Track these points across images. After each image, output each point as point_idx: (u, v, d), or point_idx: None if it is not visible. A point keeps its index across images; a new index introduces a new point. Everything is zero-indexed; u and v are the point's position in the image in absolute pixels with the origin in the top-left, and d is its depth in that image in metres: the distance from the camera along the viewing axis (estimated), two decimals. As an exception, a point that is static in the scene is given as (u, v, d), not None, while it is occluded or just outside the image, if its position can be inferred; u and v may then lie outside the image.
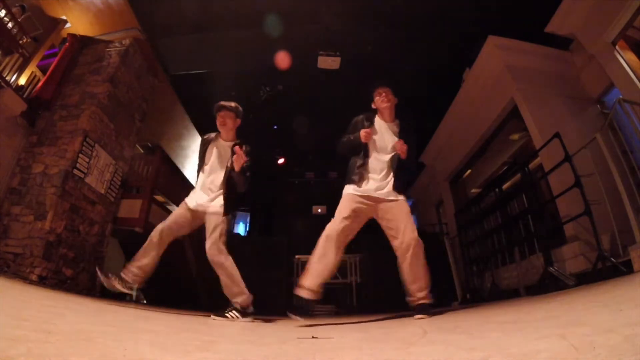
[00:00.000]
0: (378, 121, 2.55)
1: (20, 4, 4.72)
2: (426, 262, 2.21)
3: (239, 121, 2.82)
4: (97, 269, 2.63)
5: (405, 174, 2.47)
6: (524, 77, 4.85)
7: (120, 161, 4.97)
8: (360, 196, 2.34)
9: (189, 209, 2.60)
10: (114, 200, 4.84)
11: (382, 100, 2.53)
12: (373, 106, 2.61)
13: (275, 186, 10.32)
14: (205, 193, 2.63)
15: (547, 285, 3.28)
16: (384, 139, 2.48)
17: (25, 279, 3.35)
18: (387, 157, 2.45)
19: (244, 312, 2.45)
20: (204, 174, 2.69)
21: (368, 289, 6.36)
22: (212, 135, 2.83)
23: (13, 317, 1.05)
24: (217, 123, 2.74)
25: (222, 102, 2.76)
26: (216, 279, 2.55)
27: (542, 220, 3.98)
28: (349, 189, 2.39)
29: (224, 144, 2.75)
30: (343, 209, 2.33)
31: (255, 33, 5.17)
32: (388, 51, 5.56)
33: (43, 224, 3.71)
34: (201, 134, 7.52)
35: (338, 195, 2.45)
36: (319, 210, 9.79)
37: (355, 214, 2.31)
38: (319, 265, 2.22)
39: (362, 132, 2.38)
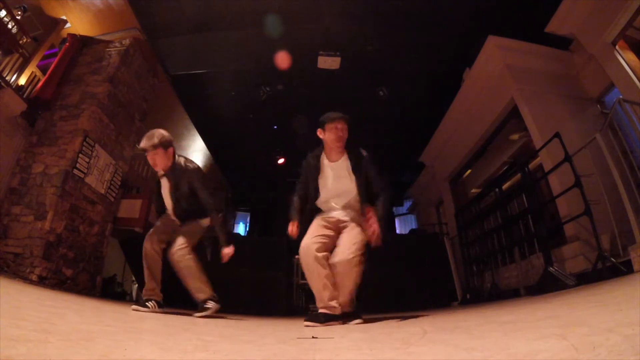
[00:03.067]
0: (324, 163, 2.31)
1: (20, 4, 4.72)
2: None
3: (170, 150, 2.65)
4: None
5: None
6: (524, 77, 4.85)
7: (120, 161, 4.97)
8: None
9: None
10: (114, 200, 4.84)
11: (336, 138, 2.23)
12: (320, 136, 2.31)
13: (275, 186, 10.33)
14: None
15: (547, 285, 3.28)
16: (333, 178, 2.29)
17: (25, 279, 3.36)
18: (343, 194, 2.30)
19: (159, 303, 2.50)
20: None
21: (368, 289, 6.35)
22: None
23: (13, 317, 1.05)
24: (152, 163, 2.62)
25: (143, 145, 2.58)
26: (215, 278, 2.55)
27: (542, 220, 3.98)
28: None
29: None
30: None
31: (255, 33, 5.17)
32: (388, 51, 5.56)
33: (43, 224, 3.71)
34: (201, 134, 7.52)
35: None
36: (319, 210, 9.78)
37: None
38: None
39: (290, 230, 2.29)
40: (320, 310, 2.09)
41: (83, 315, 1.59)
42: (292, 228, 2.35)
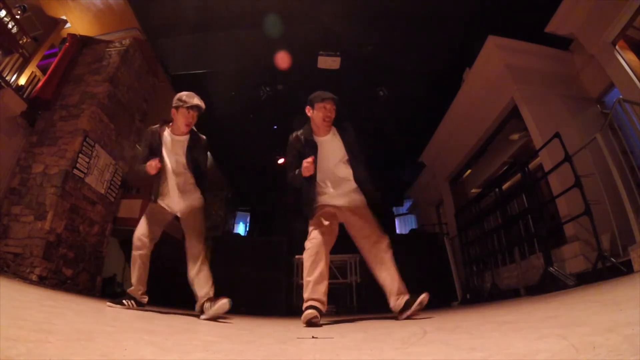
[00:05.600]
0: (317, 139, 2.34)
1: (21, 4, 4.72)
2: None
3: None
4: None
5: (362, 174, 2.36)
6: (524, 77, 4.85)
7: (120, 161, 4.97)
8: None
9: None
10: (114, 200, 4.84)
11: (324, 117, 2.29)
12: (308, 113, 2.38)
13: (275, 186, 10.32)
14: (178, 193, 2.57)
15: (547, 285, 3.28)
16: (327, 154, 2.32)
17: (25, 279, 3.36)
18: (338, 169, 2.32)
19: (139, 302, 2.49)
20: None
21: (368, 289, 6.36)
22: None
23: (13, 317, 1.05)
24: (186, 122, 2.56)
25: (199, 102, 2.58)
26: (215, 278, 2.55)
27: (542, 220, 3.98)
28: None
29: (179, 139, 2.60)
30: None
31: (255, 33, 5.17)
32: (388, 51, 5.55)
33: (43, 224, 3.71)
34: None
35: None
36: (319, 210, 9.77)
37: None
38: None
39: (304, 167, 2.20)
40: (313, 304, 2.06)
41: (83, 315, 1.59)
42: (308, 165, 2.19)
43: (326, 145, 2.35)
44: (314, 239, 2.22)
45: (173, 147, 2.57)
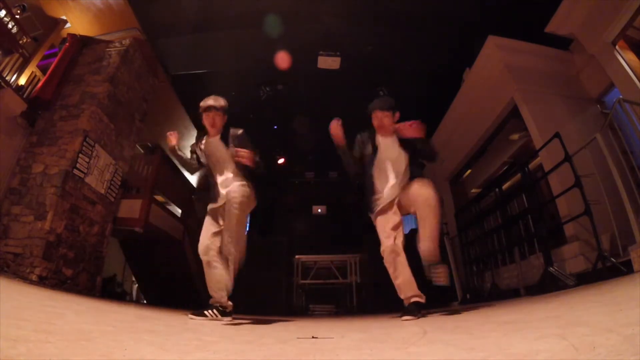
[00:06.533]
0: (380, 139, 2.54)
1: (20, 3, 4.72)
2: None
3: (225, 118, 2.86)
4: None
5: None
6: (524, 77, 4.85)
7: (120, 161, 4.97)
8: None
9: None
10: (114, 200, 4.84)
11: (378, 125, 2.51)
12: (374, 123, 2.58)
13: (275, 186, 10.32)
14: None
15: (547, 285, 3.28)
16: (386, 151, 2.50)
17: (25, 279, 3.35)
18: (399, 167, 2.51)
19: (223, 312, 2.32)
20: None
21: (368, 289, 6.36)
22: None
23: (13, 317, 1.05)
24: (209, 124, 2.73)
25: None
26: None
27: (542, 220, 3.98)
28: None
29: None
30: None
31: (255, 33, 5.17)
32: (388, 51, 5.56)
33: (43, 224, 3.70)
34: (201, 134, 7.52)
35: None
36: (319, 210, 9.79)
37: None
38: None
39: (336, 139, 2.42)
40: (414, 300, 2.20)
41: (83, 315, 1.59)
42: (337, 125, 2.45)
43: (386, 142, 2.52)
44: (384, 246, 2.41)
45: (209, 150, 2.69)
